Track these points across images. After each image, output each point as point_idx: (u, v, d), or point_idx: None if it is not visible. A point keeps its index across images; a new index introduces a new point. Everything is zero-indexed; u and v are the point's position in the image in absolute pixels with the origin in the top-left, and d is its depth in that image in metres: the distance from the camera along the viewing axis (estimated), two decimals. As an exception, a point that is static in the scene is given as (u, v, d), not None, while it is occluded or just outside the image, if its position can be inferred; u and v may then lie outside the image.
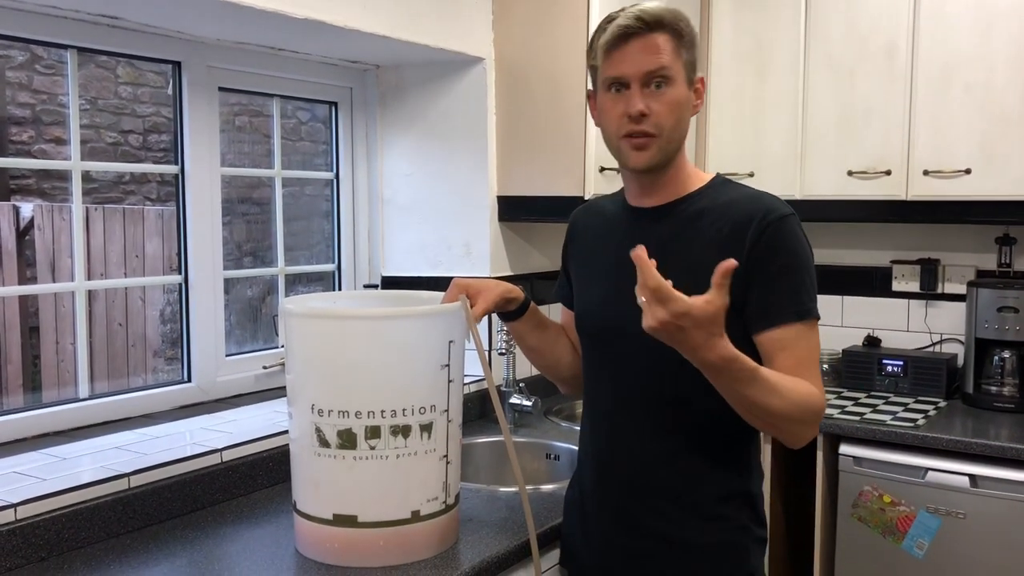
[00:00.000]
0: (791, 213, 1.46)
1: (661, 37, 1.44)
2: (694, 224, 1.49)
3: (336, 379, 1.52)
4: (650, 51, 1.44)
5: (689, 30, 1.48)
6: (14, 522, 1.54)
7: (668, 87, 1.44)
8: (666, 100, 1.44)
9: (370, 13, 2.19)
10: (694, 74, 1.50)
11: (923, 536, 2.50)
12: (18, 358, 4.30)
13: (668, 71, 1.44)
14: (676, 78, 1.45)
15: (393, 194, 2.77)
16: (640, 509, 1.53)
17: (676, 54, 1.45)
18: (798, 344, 1.41)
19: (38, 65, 4.62)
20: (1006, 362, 2.75)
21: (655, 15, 1.44)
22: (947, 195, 2.73)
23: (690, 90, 1.49)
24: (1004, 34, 2.62)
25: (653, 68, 1.43)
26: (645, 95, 1.44)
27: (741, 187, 1.54)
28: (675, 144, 1.49)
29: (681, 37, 1.46)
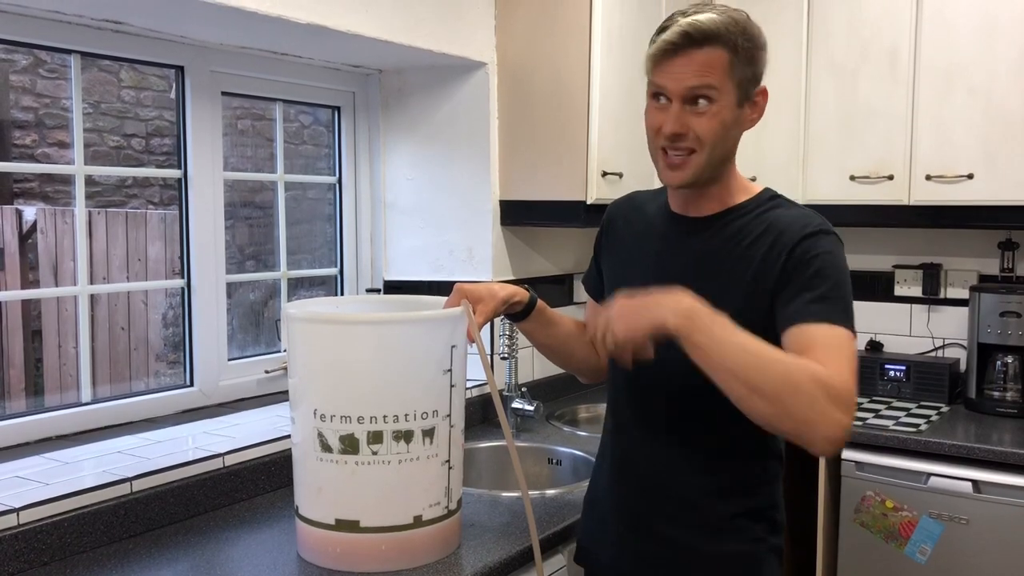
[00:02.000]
0: (834, 232, 1.42)
1: (713, 52, 1.37)
2: (735, 240, 1.45)
3: (339, 384, 1.52)
4: (696, 67, 1.37)
5: (748, 43, 1.40)
6: (17, 526, 1.54)
7: (712, 105, 1.38)
8: (707, 119, 1.39)
9: (373, 18, 2.19)
10: (753, 87, 1.43)
11: (926, 542, 2.50)
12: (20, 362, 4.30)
13: (712, 91, 1.38)
14: (722, 97, 1.38)
15: (395, 198, 2.77)
16: (655, 515, 1.53)
17: (727, 71, 1.38)
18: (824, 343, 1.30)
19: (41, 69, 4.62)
20: (1009, 367, 2.75)
21: (705, 30, 1.37)
22: (950, 200, 2.73)
23: (744, 105, 1.42)
24: (1007, 38, 2.62)
25: (695, 85, 1.37)
26: (685, 112, 1.39)
27: (789, 203, 1.50)
28: (716, 162, 1.43)
29: (736, 52, 1.38)
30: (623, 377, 1.58)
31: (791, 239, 1.39)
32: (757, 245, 1.43)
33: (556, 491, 2.04)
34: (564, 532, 1.82)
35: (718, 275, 1.44)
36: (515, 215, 2.66)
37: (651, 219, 1.59)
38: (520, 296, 1.64)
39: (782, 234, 1.41)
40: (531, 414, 2.55)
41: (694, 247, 1.48)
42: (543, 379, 2.85)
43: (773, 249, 1.40)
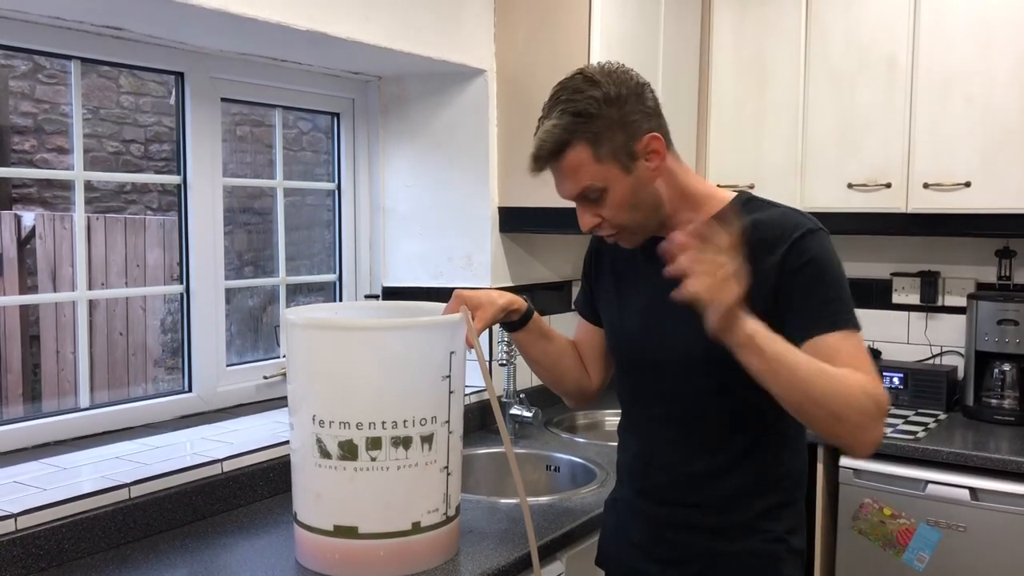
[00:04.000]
0: (820, 228, 1.43)
1: (572, 155, 1.39)
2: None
3: (337, 390, 1.52)
4: (566, 175, 1.41)
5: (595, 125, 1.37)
6: (14, 532, 1.54)
7: (603, 195, 1.41)
8: (608, 206, 1.42)
9: (372, 25, 2.20)
10: (633, 145, 1.40)
11: (924, 549, 2.50)
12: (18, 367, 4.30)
13: (591, 187, 1.41)
14: (609, 183, 1.40)
15: (394, 205, 2.77)
16: (676, 518, 1.53)
17: (596, 159, 1.38)
18: (843, 347, 1.34)
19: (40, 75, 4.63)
20: (1006, 375, 2.75)
21: (549, 147, 1.39)
22: (947, 208, 2.73)
23: (633, 170, 1.41)
24: (1004, 47, 2.63)
25: (576, 192, 1.42)
26: (588, 205, 1.44)
27: (768, 204, 1.49)
28: (648, 222, 1.46)
29: (596, 136, 1.38)
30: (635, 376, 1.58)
31: (782, 244, 1.40)
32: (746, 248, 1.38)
33: (554, 497, 2.04)
34: (563, 539, 1.82)
35: None
36: (514, 222, 2.66)
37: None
38: (518, 305, 1.65)
39: (774, 236, 1.41)
40: (529, 420, 2.55)
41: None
42: (541, 385, 2.84)
43: (766, 252, 1.40)
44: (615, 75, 1.42)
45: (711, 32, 3.12)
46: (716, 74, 3.12)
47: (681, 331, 1.44)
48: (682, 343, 1.46)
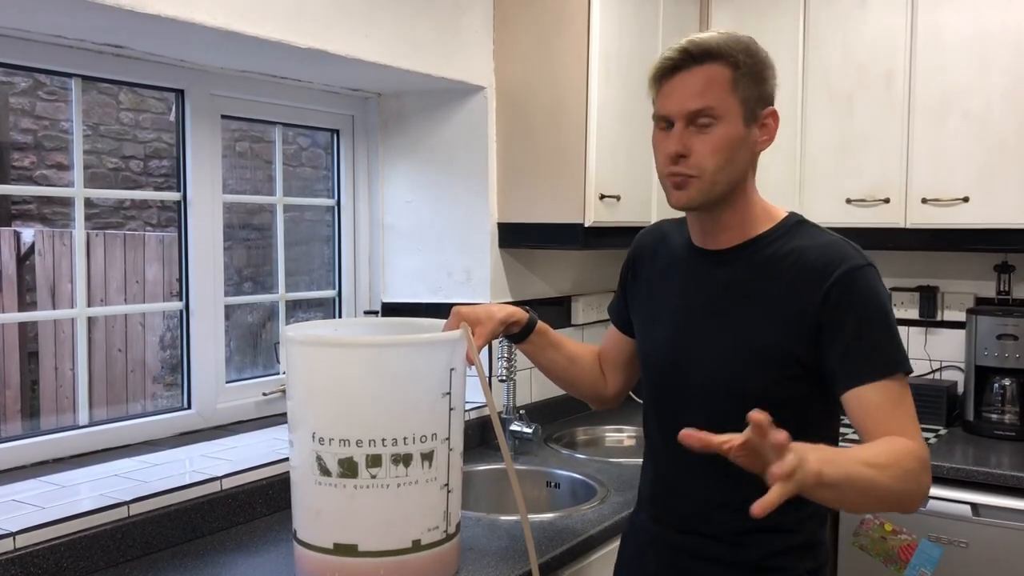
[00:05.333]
0: (868, 264, 1.38)
1: (713, 69, 1.34)
2: (762, 271, 1.41)
3: (337, 407, 1.51)
4: (696, 87, 1.34)
5: (751, 61, 1.36)
6: (13, 551, 1.53)
7: (715, 126, 1.35)
8: (710, 140, 1.35)
9: (372, 42, 2.21)
10: (760, 108, 1.38)
11: (925, 565, 2.49)
12: (17, 384, 4.29)
13: (713, 110, 1.34)
14: (726, 116, 1.35)
15: (394, 220, 2.78)
16: (691, 548, 1.49)
17: (729, 89, 1.34)
18: (886, 401, 1.31)
19: (40, 91, 4.64)
20: (1006, 390, 2.75)
21: (704, 46, 1.34)
22: (945, 223, 2.74)
23: (752, 126, 1.38)
24: (1001, 64, 2.65)
25: (696, 107, 1.34)
26: (688, 134, 1.36)
27: (816, 231, 1.44)
28: (722, 186, 1.38)
29: (738, 68, 1.34)
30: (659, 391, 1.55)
31: (827, 276, 1.35)
32: (787, 274, 1.38)
33: (555, 515, 2.03)
34: (563, 556, 1.81)
35: (747, 305, 1.40)
36: (513, 237, 2.67)
37: (676, 252, 1.55)
38: (518, 316, 1.64)
39: (819, 267, 1.36)
40: (529, 436, 2.54)
41: (720, 279, 1.44)
42: (541, 401, 2.85)
43: (808, 282, 1.35)
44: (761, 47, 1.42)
45: (709, 48, 3.13)
46: (714, 90, 3.13)
47: (710, 351, 1.42)
48: (709, 362, 1.43)
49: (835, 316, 1.34)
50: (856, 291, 1.35)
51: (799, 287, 1.36)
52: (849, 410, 1.35)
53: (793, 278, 1.37)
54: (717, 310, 1.43)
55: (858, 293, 1.35)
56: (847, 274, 1.35)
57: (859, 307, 1.34)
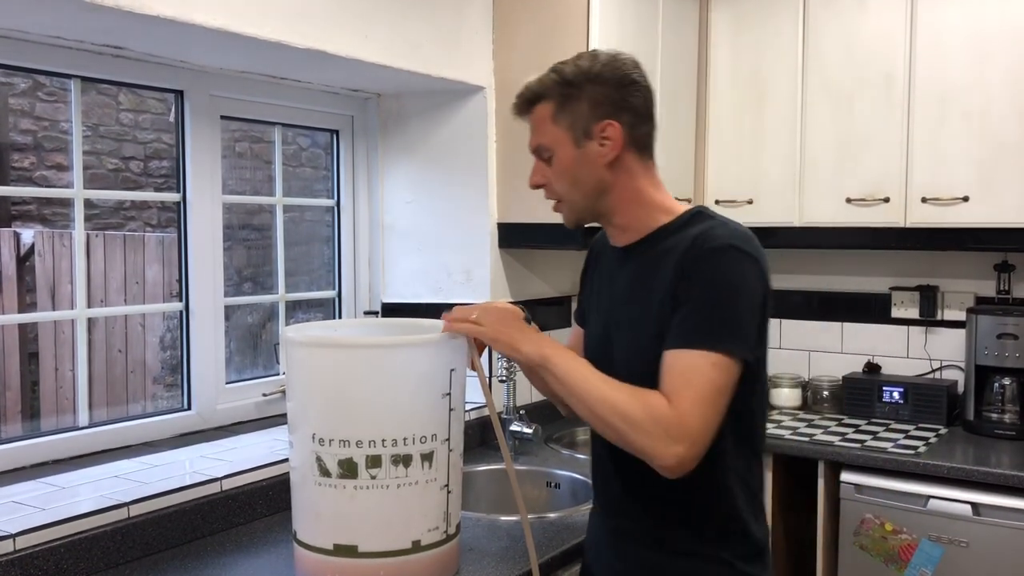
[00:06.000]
0: (729, 245, 1.40)
1: (540, 109, 1.49)
2: (657, 260, 1.48)
3: (337, 408, 1.51)
4: (534, 128, 1.51)
5: (569, 89, 1.46)
6: (13, 552, 1.53)
7: (554, 156, 1.49)
8: (554, 169, 1.50)
9: (371, 43, 2.21)
10: (592, 124, 1.46)
11: (926, 565, 2.49)
12: (17, 385, 4.29)
13: (545, 147, 1.50)
14: (557, 147, 1.48)
15: (394, 221, 2.78)
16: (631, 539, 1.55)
17: (552, 122, 1.48)
18: (674, 368, 1.35)
19: (40, 92, 4.64)
20: (1006, 389, 2.75)
21: (527, 94, 1.51)
22: (945, 222, 2.74)
23: (587, 143, 1.46)
24: (1001, 63, 2.64)
25: (533, 147, 1.52)
26: (541, 167, 1.52)
27: (710, 220, 1.48)
28: (585, 201, 1.51)
29: (561, 98, 1.47)
30: None
31: (683, 256, 1.42)
32: (669, 260, 1.45)
33: (555, 515, 2.03)
34: (563, 556, 1.81)
35: (647, 292, 1.47)
36: (513, 238, 2.67)
37: (608, 252, 1.65)
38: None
39: (684, 248, 1.43)
40: (529, 437, 2.54)
41: (628, 271, 1.54)
42: (541, 401, 2.84)
43: (677, 262, 1.43)
44: (615, 61, 1.50)
45: (709, 48, 3.13)
46: (714, 90, 3.13)
47: (625, 337, 1.50)
48: (625, 348, 1.50)
49: (679, 288, 1.40)
50: (703, 264, 1.40)
51: (674, 268, 1.43)
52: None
53: (672, 257, 1.44)
54: (628, 299, 1.52)
55: (704, 266, 1.39)
56: (702, 252, 1.40)
57: (696, 281, 1.39)
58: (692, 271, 1.39)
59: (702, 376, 1.34)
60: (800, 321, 3.34)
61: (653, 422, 1.32)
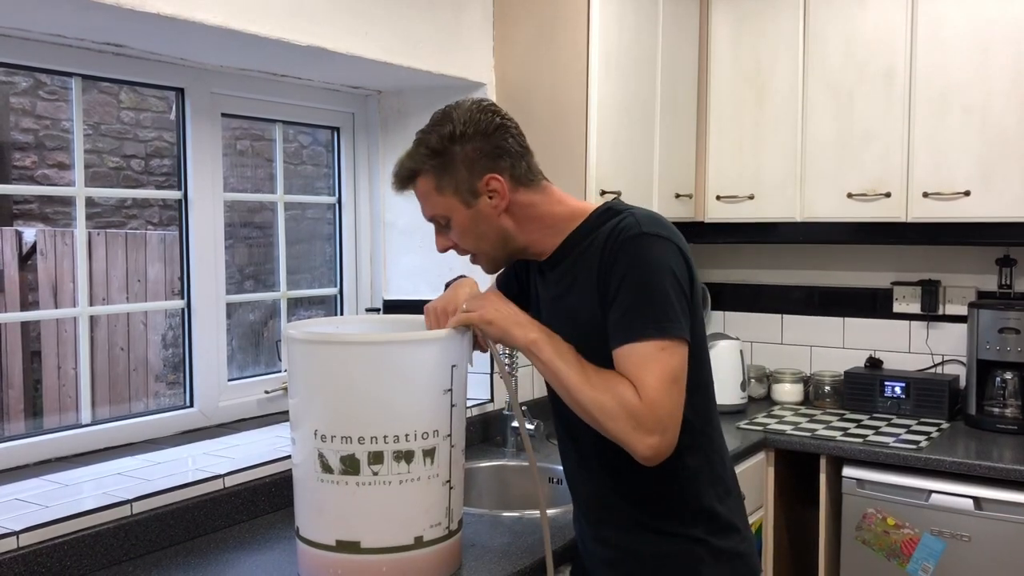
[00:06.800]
0: (642, 233, 1.42)
1: (421, 183, 1.52)
2: (575, 262, 1.51)
3: (339, 405, 1.52)
4: (421, 201, 1.55)
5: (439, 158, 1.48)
6: (16, 549, 1.53)
7: (451, 222, 1.52)
8: (455, 232, 1.54)
9: (372, 40, 2.21)
10: (475, 182, 1.48)
11: (928, 559, 2.49)
12: (20, 383, 4.29)
13: (440, 216, 1.53)
14: (450, 213, 1.51)
15: (395, 218, 2.78)
16: (604, 522, 1.60)
17: (439, 192, 1.50)
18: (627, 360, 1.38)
19: (41, 91, 4.64)
20: (1008, 383, 2.75)
21: (402, 172, 1.53)
22: (947, 217, 2.74)
23: (475, 201, 1.49)
24: (1001, 58, 2.64)
25: (428, 217, 1.56)
26: (441, 232, 1.57)
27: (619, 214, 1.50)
28: (496, 251, 1.56)
29: (437, 170, 1.49)
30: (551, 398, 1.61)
31: (602, 254, 1.44)
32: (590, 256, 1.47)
33: (557, 511, 2.03)
34: (563, 551, 1.82)
35: (571, 294, 1.52)
36: (514, 234, 2.66)
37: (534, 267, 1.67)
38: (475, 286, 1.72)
39: (602, 242, 1.45)
40: (532, 433, 2.54)
41: (552, 280, 1.58)
42: (543, 398, 2.84)
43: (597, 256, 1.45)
44: (474, 114, 1.50)
45: (709, 44, 3.13)
46: (715, 86, 3.13)
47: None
48: None
49: (607, 282, 1.43)
50: (621, 256, 1.42)
51: (594, 263, 1.45)
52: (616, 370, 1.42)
53: (592, 257, 1.47)
54: (552, 308, 1.56)
55: (623, 258, 1.42)
56: (619, 242, 1.42)
57: (620, 272, 1.41)
58: (613, 266, 1.42)
59: (658, 363, 1.37)
60: (801, 316, 3.34)
61: (625, 414, 1.36)
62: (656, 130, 2.85)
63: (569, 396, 1.42)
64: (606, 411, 1.37)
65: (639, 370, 1.37)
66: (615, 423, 1.36)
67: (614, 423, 1.37)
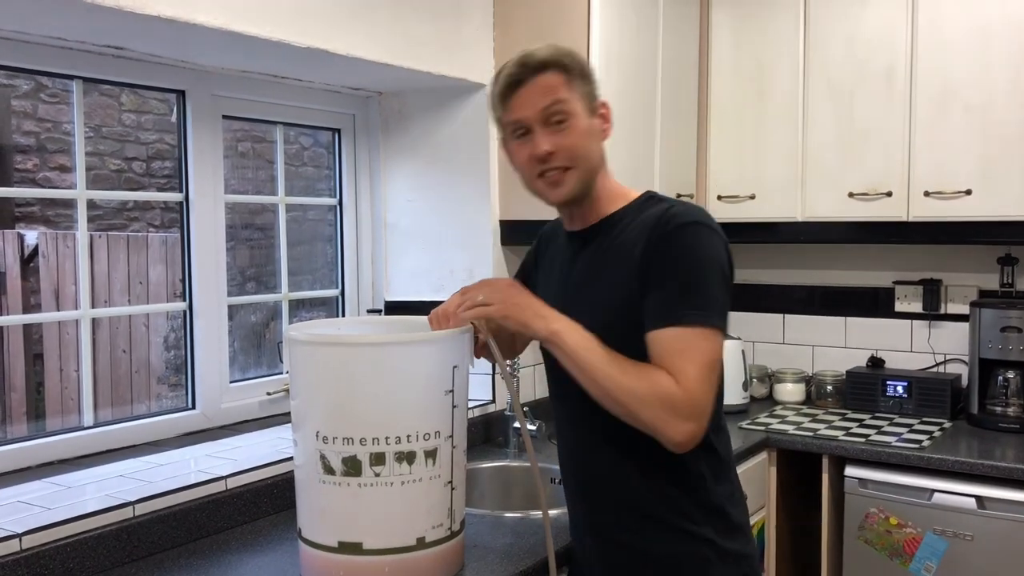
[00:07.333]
0: (696, 221, 1.44)
1: (549, 76, 1.48)
2: (613, 242, 1.52)
3: (340, 406, 1.52)
4: (542, 91, 1.48)
5: (576, 63, 1.51)
6: (19, 552, 1.53)
7: (568, 120, 1.48)
8: (570, 133, 1.48)
9: (373, 41, 2.21)
10: (594, 101, 1.53)
11: (931, 558, 2.49)
12: (22, 385, 4.30)
13: (564, 104, 1.48)
14: (574, 110, 1.48)
15: (396, 219, 2.78)
16: (607, 521, 1.58)
17: (568, 87, 1.48)
18: (669, 346, 1.38)
19: (43, 94, 4.65)
20: (1010, 382, 2.75)
21: (538, 57, 1.49)
22: (948, 216, 2.74)
23: (593, 117, 1.52)
24: (1002, 56, 2.64)
25: (547, 104, 1.47)
26: (548, 133, 1.48)
27: (664, 201, 1.54)
28: (592, 172, 1.53)
29: (569, 71, 1.49)
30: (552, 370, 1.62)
31: (653, 229, 1.45)
32: (630, 240, 1.48)
33: (559, 511, 2.03)
34: (566, 552, 1.81)
35: (605, 270, 1.51)
36: (515, 235, 2.67)
37: (560, 239, 1.68)
38: None
39: (649, 224, 1.46)
40: (533, 433, 2.54)
41: (584, 259, 1.57)
42: (544, 398, 2.84)
43: (641, 237, 1.46)
44: None
45: (710, 44, 3.13)
46: (715, 86, 3.13)
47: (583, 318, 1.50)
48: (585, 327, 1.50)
49: (649, 264, 1.43)
50: (672, 241, 1.43)
51: (632, 245, 1.46)
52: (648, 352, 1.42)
53: (635, 238, 1.47)
54: (585, 281, 1.55)
55: (675, 242, 1.43)
56: (670, 230, 1.44)
57: (670, 255, 1.42)
58: (663, 249, 1.42)
59: (698, 351, 1.38)
60: (803, 316, 3.34)
61: (661, 401, 1.36)
62: (657, 130, 2.85)
63: (596, 385, 1.40)
64: (639, 397, 1.36)
65: (678, 355, 1.37)
66: (649, 410, 1.36)
67: (648, 410, 1.36)
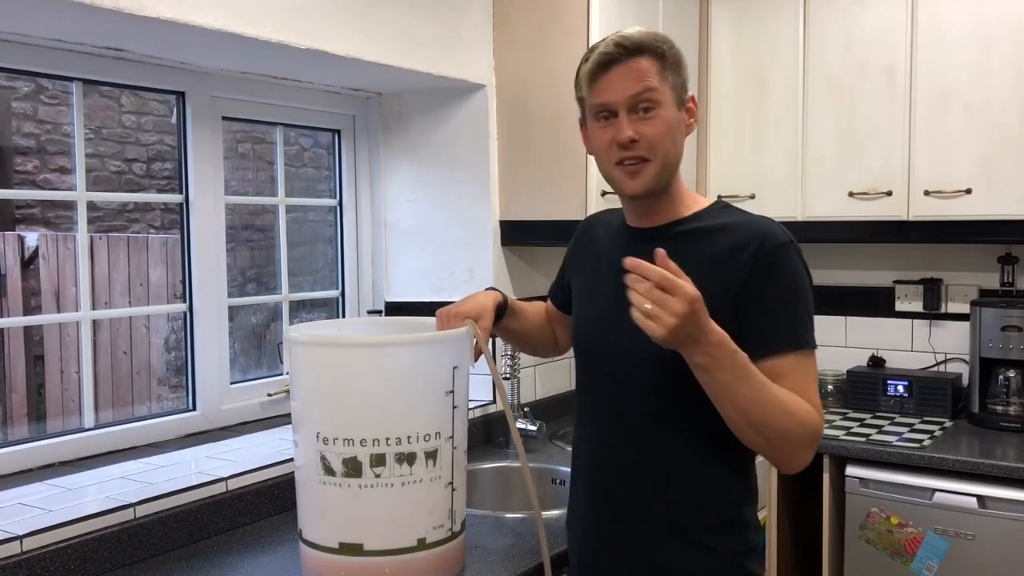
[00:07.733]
0: (790, 241, 1.45)
1: (644, 61, 1.43)
2: (690, 245, 1.46)
3: (341, 407, 1.52)
4: (634, 76, 1.43)
5: (673, 52, 1.47)
6: (20, 554, 1.54)
7: (656, 110, 1.44)
8: (656, 123, 1.44)
9: (372, 42, 2.21)
10: (684, 94, 1.49)
11: (932, 558, 2.49)
12: (23, 387, 4.30)
13: (654, 94, 1.43)
14: (663, 100, 1.44)
15: (396, 220, 2.78)
16: (628, 534, 1.53)
17: (661, 76, 1.44)
18: (796, 371, 1.38)
19: (43, 95, 4.65)
20: (1011, 381, 2.75)
21: (635, 40, 1.44)
22: (948, 215, 2.74)
23: (681, 111, 1.48)
24: (1002, 55, 2.64)
25: (638, 91, 1.43)
26: (633, 120, 1.44)
27: (741, 212, 1.53)
28: (671, 167, 1.48)
29: (664, 59, 1.45)
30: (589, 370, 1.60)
31: (751, 250, 1.42)
32: (712, 248, 1.45)
33: (560, 512, 2.03)
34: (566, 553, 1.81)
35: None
36: (515, 235, 2.67)
37: (614, 234, 1.63)
38: (499, 299, 1.68)
39: (742, 242, 1.43)
40: (534, 434, 2.54)
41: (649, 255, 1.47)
42: (545, 399, 2.85)
43: (732, 255, 1.42)
44: None
45: (709, 44, 3.13)
46: (715, 86, 3.13)
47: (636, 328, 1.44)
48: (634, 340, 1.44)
49: (756, 288, 1.41)
50: (777, 266, 1.42)
51: (724, 259, 1.43)
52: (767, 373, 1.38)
53: (719, 251, 1.44)
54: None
55: (779, 268, 1.42)
56: (770, 249, 1.42)
57: (778, 282, 1.42)
58: (766, 271, 1.41)
59: (815, 375, 1.43)
60: (804, 316, 3.33)
61: (808, 434, 1.37)
62: (657, 130, 2.84)
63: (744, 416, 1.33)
64: (791, 436, 1.35)
65: (806, 382, 1.39)
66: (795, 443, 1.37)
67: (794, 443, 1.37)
